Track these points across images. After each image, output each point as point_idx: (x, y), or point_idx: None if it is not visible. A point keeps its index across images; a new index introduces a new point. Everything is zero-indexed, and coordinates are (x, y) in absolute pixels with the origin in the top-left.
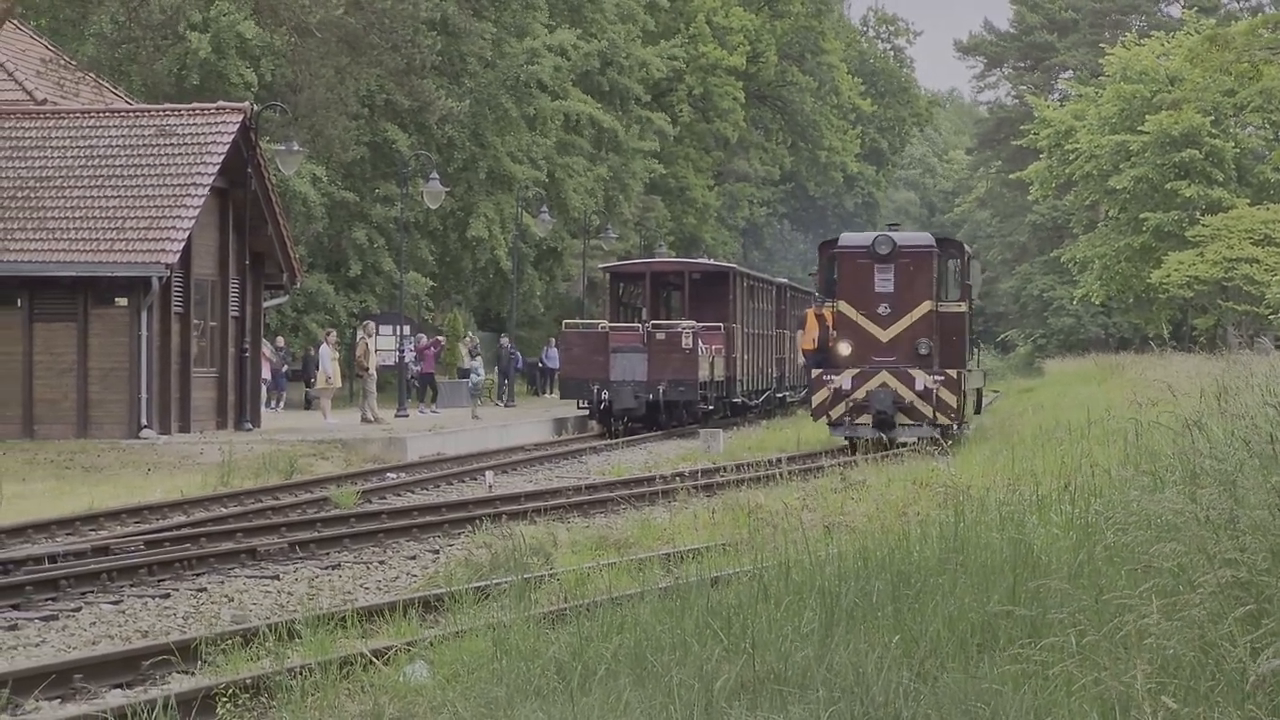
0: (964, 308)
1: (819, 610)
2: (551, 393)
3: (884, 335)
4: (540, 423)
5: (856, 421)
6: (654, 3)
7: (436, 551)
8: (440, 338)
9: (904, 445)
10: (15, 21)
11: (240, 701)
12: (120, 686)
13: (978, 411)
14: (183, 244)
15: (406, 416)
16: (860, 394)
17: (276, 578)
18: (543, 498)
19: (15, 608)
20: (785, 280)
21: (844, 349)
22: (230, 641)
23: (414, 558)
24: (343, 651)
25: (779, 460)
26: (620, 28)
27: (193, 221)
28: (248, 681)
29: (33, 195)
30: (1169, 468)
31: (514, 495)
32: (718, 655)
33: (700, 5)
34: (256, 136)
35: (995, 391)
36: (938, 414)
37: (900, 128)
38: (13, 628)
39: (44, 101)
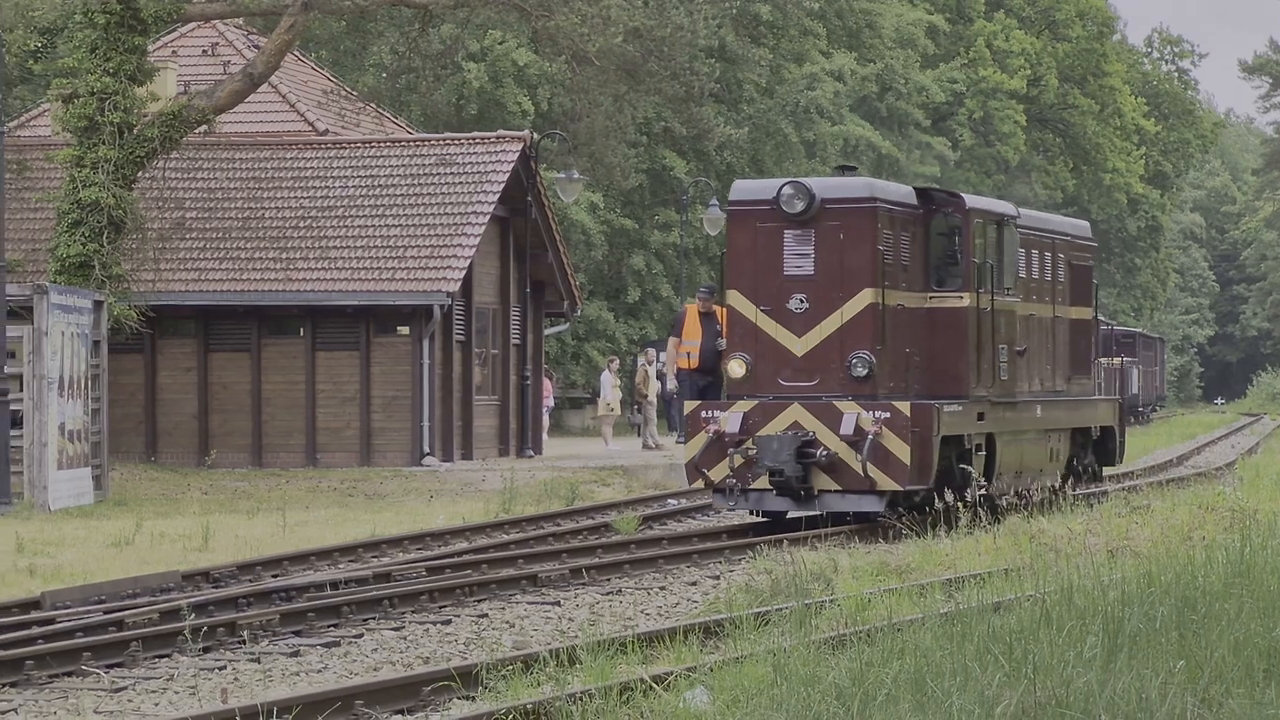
0: (966, 301)
1: (1101, 635)
2: None
3: (798, 345)
4: None
5: (752, 486)
6: (934, 27)
7: (717, 577)
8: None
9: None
10: (296, 53)
11: None
12: (402, 713)
13: (1117, 460)
14: (464, 272)
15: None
16: (750, 443)
17: (557, 604)
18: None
19: (298, 634)
20: None
21: (735, 368)
22: (511, 667)
23: (694, 584)
24: (623, 677)
25: (1056, 486)
26: (899, 53)
27: (474, 250)
28: (528, 707)
29: (315, 225)
30: None
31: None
32: (998, 681)
33: (980, 29)
34: (536, 164)
35: None
36: (870, 471)
37: (1184, 150)
38: (295, 654)
39: (325, 132)
